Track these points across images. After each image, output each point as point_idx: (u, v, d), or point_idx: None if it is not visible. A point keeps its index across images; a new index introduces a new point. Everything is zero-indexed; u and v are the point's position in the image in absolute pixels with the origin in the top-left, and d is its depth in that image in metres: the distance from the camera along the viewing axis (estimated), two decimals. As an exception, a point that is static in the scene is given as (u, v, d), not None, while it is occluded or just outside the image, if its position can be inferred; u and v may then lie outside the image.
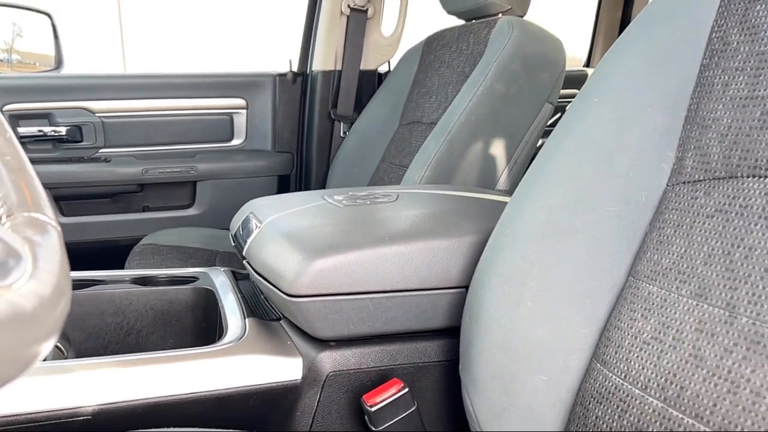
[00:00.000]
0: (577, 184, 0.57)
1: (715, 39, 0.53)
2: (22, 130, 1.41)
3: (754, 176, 0.46)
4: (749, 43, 0.50)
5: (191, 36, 6.08)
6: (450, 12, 1.34)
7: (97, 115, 1.48)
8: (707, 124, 0.51)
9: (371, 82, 1.60)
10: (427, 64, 1.37)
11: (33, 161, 0.38)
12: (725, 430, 0.40)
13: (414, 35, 1.50)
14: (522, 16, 1.23)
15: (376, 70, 1.62)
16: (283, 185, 1.67)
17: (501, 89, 1.06)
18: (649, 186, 0.54)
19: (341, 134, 1.58)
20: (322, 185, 1.62)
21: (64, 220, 1.45)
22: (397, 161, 1.33)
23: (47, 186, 1.39)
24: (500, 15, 1.23)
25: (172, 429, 0.56)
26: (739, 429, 0.40)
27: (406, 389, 0.60)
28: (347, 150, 1.49)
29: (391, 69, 1.52)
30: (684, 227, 0.50)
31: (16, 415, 0.53)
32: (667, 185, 0.53)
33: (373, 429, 0.60)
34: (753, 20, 0.50)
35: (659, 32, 0.58)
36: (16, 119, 1.42)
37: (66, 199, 1.48)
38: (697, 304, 0.46)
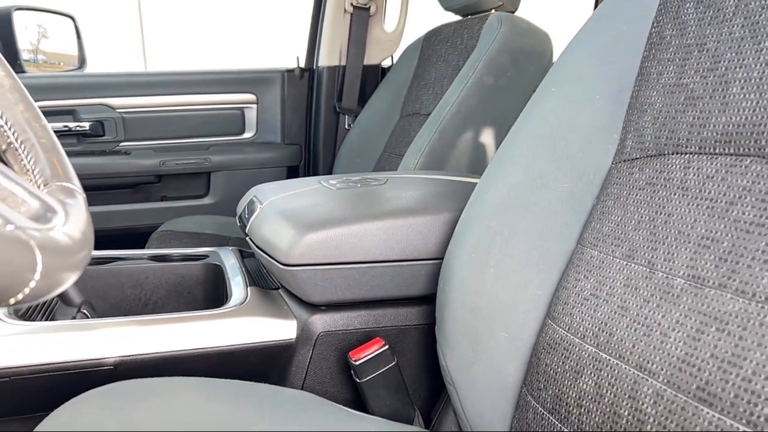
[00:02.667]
0: (535, 164, 0.64)
1: (654, 33, 0.60)
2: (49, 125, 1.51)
3: (677, 153, 0.53)
4: (679, 36, 0.57)
5: (208, 33, 6.20)
6: (446, 8, 1.41)
7: (117, 110, 1.58)
8: (644, 108, 0.58)
9: (375, 76, 1.68)
10: (425, 59, 1.44)
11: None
12: (641, 366, 0.48)
13: (418, 30, 1.57)
14: (513, 12, 1.30)
15: (379, 64, 1.69)
16: (292, 176, 1.76)
17: (490, 81, 1.13)
18: (597, 164, 0.61)
19: (346, 126, 1.66)
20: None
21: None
22: (397, 151, 1.41)
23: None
24: (493, 11, 1.29)
25: (185, 378, 0.65)
26: (650, 365, 0.47)
27: (387, 347, 0.68)
28: (351, 141, 1.57)
29: (394, 63, 1.60)
30: (621, 199, 0.57)
31: (51, 363, 0.62)
32: (612, 163, 0.60)
33: (358, 380, 0.68)
34: (683, 16, 0.57)
35: (608, 28, 0.65)
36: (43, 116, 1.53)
37: (90, 189, 1.58)
38: (626, 264, 0.53)
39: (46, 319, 0.73)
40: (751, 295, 0.42)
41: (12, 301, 0.26)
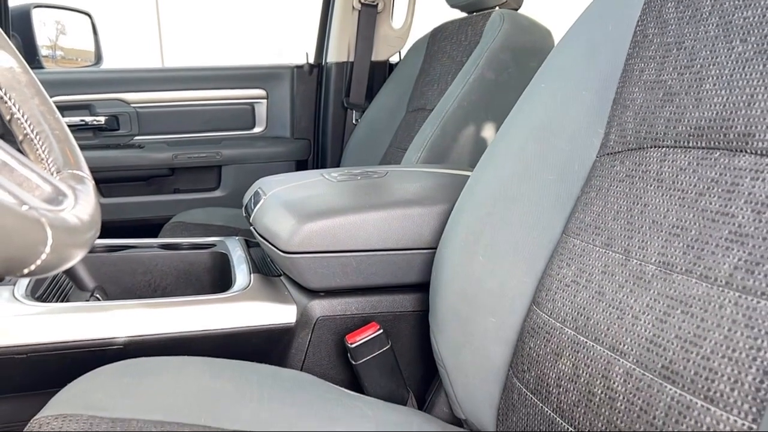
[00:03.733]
0: (523, 158, 0.67)
1: (638, 32, 0.62)
2: (66, 120, 1.57)
3: (654, 146, 0.56)
4: (660, 35, 0.59)
5: (222, 28, 6.29)
6: (452, 5, 1.43)
7: (132, 105, 1.62)
8: (627, 104, 0.61)
9: (382, 72, 1.71)
10: (431, 55, 1.47)
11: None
12: (613, 347, 0.51)
13: (425, 27, 1.60)
14: (517, 9, 1.32)
15: (387, 60, 1.72)
16: (301, 169, 1.80)
17: (491, 77, 1.16)
18: (582, 158, 0.64)
19: (353, 121, 1.69)
20: (337, 169, 1.74)
21: (104, 200, 1.61)
22: (403, 145, 1.44)
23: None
24: (497, 8, 1.32)
25: (191, 357, 0.69)
26: (622, 346, 0.50)
27: (381, 331, 0.72)
28: (359, 136, 1.61)
29: (401, 59, 1.63)
30: (603, 191, 0.60)
31: (65, 342, 0.66)
32: (596, 157, 0.63)
33: (354, 362, 0.72)
34: (665, 15, 0.59)
35: (596, 27, 0.67)
36: (61, 110, 1.58)
37: (105, 182, 1.63)
38: (604, 252, 0.56)
39: (62, 301, 0.78)
40: (713, 280, 0.44)
41: (26, 271, 0.30)
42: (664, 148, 0.55)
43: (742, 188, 0.45)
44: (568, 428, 0.54)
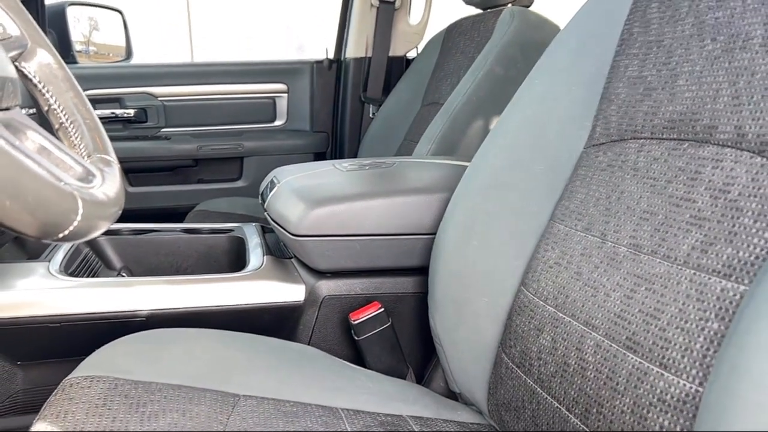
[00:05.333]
0: (516, 149, 0.71)
1: (626, 30, 0.66)
2: (98, 112, 1.65)
3: (633, 138, 0.60)
4: (644, 33, 0.63)
5: (248, 25, 6.42)
6: (467, 2, 1.47)
7: (159, 99, 1.70)
8: (612, 98, 0.65)
9: (399, 67, 1.76)
10: (446, 50, 1.51)
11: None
12: (587, 322, 0.55)
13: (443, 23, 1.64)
14: (528, 6, 1.35)
15: (404, 56, 1.77)
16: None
17: (500, 73, 1.20)
18: (571, 149, 0.68)
19: (370, 115, 1.74)
20: (354, 161, 1.80)
21: (132, 189, 1.69)
22: (416, 138, 1.48)
23: (117, 160, 1.62)
24: (509, 5, 1.35)
25: (207, 329, 0.75)
26: (594, 320, 0.54)
27: (382, 309, 0.77)
28: (375, 129, 1.66)
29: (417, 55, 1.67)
30: (587, 179, 0.64)
31: (94, 313, 0.73)
32: (583, 148, 0.67)
33: (356, 338, 0.77)
34: (648, 15, 0.63)
35: (587, 26, 0.71)
36: (93, 103, 1.66)
37: (133, 171, 1.71)
38: (584, 236, 0.60)
39: (91, 277, 0.85)
40: (674, 259, 0.49)
41: (60, 235, 0.36)
42: (641, 140, 0.59)
43: (704, 176, 0.49)
44: (546, 397, 0.58)
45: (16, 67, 0.51)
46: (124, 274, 0.91)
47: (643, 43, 0.62)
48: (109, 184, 0.44)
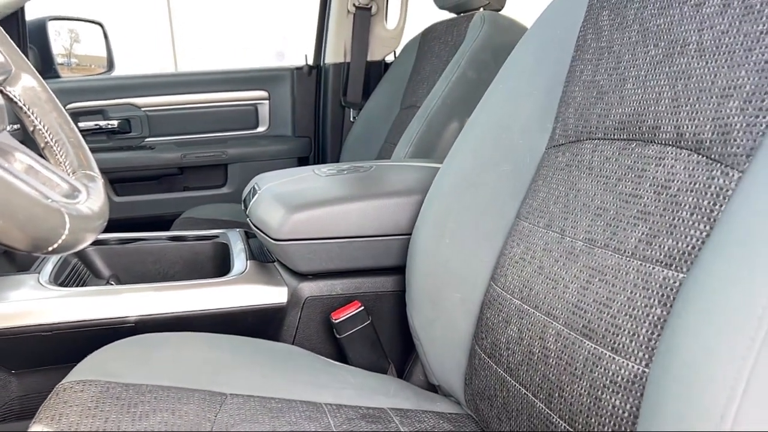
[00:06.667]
0: (482, 150, 0.75)
1: (580, 37, 0.70)
2: (81, 124, 1.68)
3: (588, 139, 0.64)
4: (596, 40, 0.67)
5: (229, 34, 6.48)
6: (440, 7, 1.51)
7: (142, 109, 1.72)
8: (569, 102, 0.68)
9: (378, 71, 1.79)
10: (422, 54, 1.55)
11: (91, 150, 0.59)
12: (549, 312, 0.59)
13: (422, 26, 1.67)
14: (499, 10, 1.39)
15: (383, 60, 1.81)
16: (303, 165, 1.89)
17: (473, 76, 1.24)
18: (533, 150, 0.72)
19: (351, 119, 1.78)
20: (337, 164, 1.83)
21: (118, 199, 1.71)
22: (396, 141, 1.51)
23: (103, 171, 1.65)
24: (481, 9, 1.39)
25: (194, 333, 0.78)
26: (555, 311, 0.58)
27: (362, 308, 0.81)
28: (356, 133, 1.69)
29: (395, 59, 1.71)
30: (548, 179, 0.68)
31: (84, 320, 0.76)
32: (545, 149, 0.71)
33: (338, 336, 0.81)
34: (600, 22, 0.67)
35: (546, 32, 0.75)
36: (76, 116, 1.69)
37: (119, 181, 1.73)
38: (546, 232, 0.64)
39: (80, 286, 0.88)
40: (623, 251, 0.52)
41: (50, 249, 0.39)
42: (595, 140, 0.62)
43: (648, 173, 0.53)
44: (515, 384, 0.62)
45: (2, 91, 0.54)
46: (112, 282, 0.94)
47: (596, 49, 0.66)
48: (94, 199, 0.48)
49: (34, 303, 0.77)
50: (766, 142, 0.43)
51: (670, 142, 0.52)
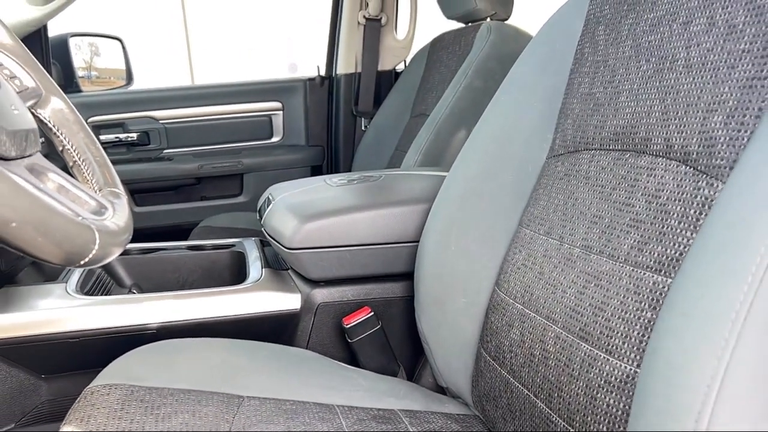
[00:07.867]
0: (486, 160, 0.78)
1: (578, 51, 0.73)
2: (103, 137, 1.73)
3: (586, 149, 0.66)
4: (593, 54, 0.70)
5: (244, 47, 6.61)
6: (448, 17, 1.54)
7: (160, 122, 1.78)
8: (568, 113, 0.71)
9: (389, 80, 1.83)
10: (431, 64, 1.58)
11: (112, 162, 0.64)
12: (548, 316, 0.62)
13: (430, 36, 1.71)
14: (506, 19, 1.42)
15: (393, 69, 1.84)
16: (316, 174, 1.93)
17: (480, 85, 1.27)
18: (535, 160, 0.75)
19: (363, 128, 1.82)
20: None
21: (138, 209, 1.76)
22: (406, 149, 1.55)
23: (123, 182, 1.70)
24: (488, 19, 1.42)
25: (212, 338, 0.82)
26: (554, 315, 0.61)
27: (372, 313, 0.84)
28: (367, 141, 1.73)
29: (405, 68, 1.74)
30: (548, 187, 0.70)
31: (109, 327, 0.80)
32: (546, 159, 0.74)
33: (350, 341, 0.84)
34: (596, 37, 0.70)
35: (546, 45, 0.78)
36: (98, 128, 1.75)
37: (138, 192, 1.79)
38: (546, 239, 0.67)
39: (105, 295, 0.92)
40: (617, 258, 0.55)
41: (81, 262, 0.43)
42: (592, 151, 0.65)
43: (640, 183, 0.56)
44: (518, 386, 0.65)
45: (33, 113, 0.58)
46: (134, 291, 0.98)
47: (593, 63, 0.69)
48: (120, 215, 0.51)
49: (62, 311, 0.81)
50: (746, 155, 0.45)
51: (661, 154, 0.55)
